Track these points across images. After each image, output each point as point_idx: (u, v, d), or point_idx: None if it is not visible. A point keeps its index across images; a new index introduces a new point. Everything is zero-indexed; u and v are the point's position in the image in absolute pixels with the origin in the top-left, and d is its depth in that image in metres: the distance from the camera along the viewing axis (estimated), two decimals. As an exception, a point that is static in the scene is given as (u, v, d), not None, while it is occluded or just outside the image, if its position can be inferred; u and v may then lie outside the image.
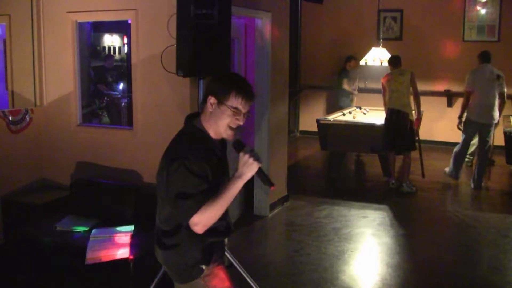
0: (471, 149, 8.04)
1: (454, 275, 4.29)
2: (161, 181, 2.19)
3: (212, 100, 2.16)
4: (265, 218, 5.56)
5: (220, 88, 2.16)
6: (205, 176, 2.10)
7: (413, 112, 6.60)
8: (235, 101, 2.14)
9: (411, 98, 6.55)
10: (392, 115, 6.45)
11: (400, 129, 6.41)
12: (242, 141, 2.16)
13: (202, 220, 2.06)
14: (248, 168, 2.06)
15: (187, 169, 2.07)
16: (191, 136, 2.21)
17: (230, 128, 2.18)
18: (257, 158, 2.08)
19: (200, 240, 2.23)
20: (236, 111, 2.14)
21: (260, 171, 2.10)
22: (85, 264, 3.60)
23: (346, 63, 9.23)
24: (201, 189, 2.07)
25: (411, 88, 6.51)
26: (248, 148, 2.10)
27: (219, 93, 2.15)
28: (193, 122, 2.25)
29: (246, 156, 2.07)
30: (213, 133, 2.21)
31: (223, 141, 2.31)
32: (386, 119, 6.56)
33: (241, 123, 2.18)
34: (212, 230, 2.23)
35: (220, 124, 2.17)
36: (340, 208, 5.91)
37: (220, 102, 2.14)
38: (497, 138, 8.05)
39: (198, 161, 2.09)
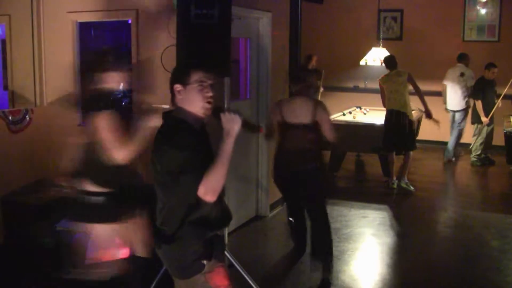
0: (478, 151, 8.07)
1: (454, 275, 4.29)
2: (157, 176, 2.25)
3: (178, 87, 2.28)
4: (265, 218, 5.56)
5: (179, 74, 2.31)
6: (194, 149, 2.17)
7: (413, 112, 6.60)
8: (197, 76, 2.26)
9: (410, 98, 6.54)
10: (392, 115, 6.46)
11: (400, 130, 6.41)
12: (219, 107, 2.30)
13: (208, 186, 2.13)
14: (233, 122, 2.19)
15: (175, 148, 2.16)
16: (172, 125, 2.29)
17: (206, 103, 2.27)
18: (237, 112, 2.21)
19: (201, 234, 2.28)
20: (201, 83, 2.26)
21: (244, 122, 2.24)
22: (85, 264, 3.60)
23: (308, 63, 9.14)
24: (194, 161, 2.15)
25: (410, 87, 6.50)
26: (226, 109, 2.25)
27: (180, 78, 2.28)
28: (170, 114, 2.34)
29: (227, 114, 2.20)
30: (192, 120, 2.29)
31: (204, 130, 2.39)
32: (386, 120, 6.56)
33: (211, 93, 2.28)
34: (210, 221, 2.29)
35: (195, 103, 2.27)
36: (340, 208, 5.91)
37: (185, 84, 2.27)
38: (497, 138, 8.07)
39: (184, 139, 2.19)
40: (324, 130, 3.95)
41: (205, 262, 2.29)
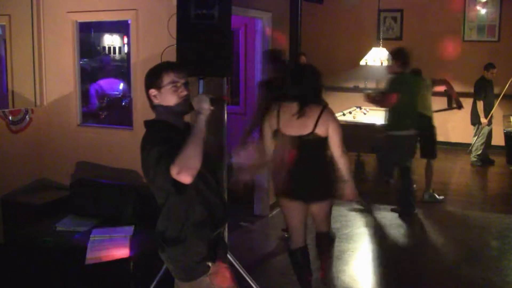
0: (478, 151, 8.07)
1: (454, 275, 4.29)
2: (147, 178, 2.26)
3: (153, 92, 2.30)
4: (265, 218, 5.56)
5: (151, 79, 2.32)
6: (173, 142, 2.15)
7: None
8: (169, 77, 2.28)
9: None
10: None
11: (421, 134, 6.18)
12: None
13: (181, 164, 2.03)
14: (201, 102, 2.22)
15: (155, 144, 2.17)
16: (154, 128, 2.31)
17: (181, 102, 2.29)
18: (203, 93, 2.28)
19: (204, 235, 2.28)
20: (174, 84, 2.28)
21: (212, 100, 2.27)
22: (85, 264, 3.60)
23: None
24: (172, 152, 2.09)
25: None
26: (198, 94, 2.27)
27: (153, 83, 2.30)
28: (151, 120, 2.37)
29: (195, 97, 2.26)
30: (173, 119, 2.31)
31: (188, 129, 2.36)
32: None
33: (185, 92, 2.30)
34: (212, 221, 2.31)
35: (172, 103, 2.29)
36: (340, 208, 5.90)
37: (159, 88, 2.28)
38: (498, 138, 8.07)
39: (161, 134, 2.22)
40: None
41: (209, 264, 2.28)
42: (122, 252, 3.69)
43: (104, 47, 8.62)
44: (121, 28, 5.25)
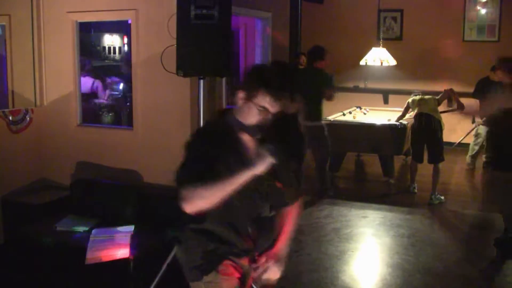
0: (473, 151, 8.07)
1: (454, 275, 4.29)
2: None
3: (241, 94, 2.06)
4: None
5: (249, 84, 2.05)
6: (205, 159, 2.00)
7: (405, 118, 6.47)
8: (263, 100, 2.01)
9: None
10: (421, 119, 6.21)
11: (428, 136, 6.22)
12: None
13: (193, 195, 1.92)
14: (260, 161, 1.97)
15: (189, 146, 2.05)
16: (210, 127, 2.20)
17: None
18: (271, 153, 1.97)
19: (201, 244, 2.19)
20: (263, 110, 2.03)
21: (280, 158, 1.99)
22: (85, 264, 3.60)
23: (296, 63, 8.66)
24: (197, 165, 1.98)
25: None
26: (269, 145, 2.01)
27: (247, 89, 2.04)
28: (225, 116, 2.15)
29: (263, 151, 2.00)
30: (241, 127, 2.09)
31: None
32: (413, 125, 6.41)
33: (268, 117, 2.06)
34: (216, 236, 2.19)
35: (247, 120, 2.07)
36: (340, 208, 5.91)
37: (248, 98, 2.04)
38: (497, 138, 8.07)
39: (204, 144, 2.04)
40: None
41: (201, 274, 2.20)
42: (122, 252, 3.69)
43: (104, 47, 8.62)
44: (121, 28, 5.25)
